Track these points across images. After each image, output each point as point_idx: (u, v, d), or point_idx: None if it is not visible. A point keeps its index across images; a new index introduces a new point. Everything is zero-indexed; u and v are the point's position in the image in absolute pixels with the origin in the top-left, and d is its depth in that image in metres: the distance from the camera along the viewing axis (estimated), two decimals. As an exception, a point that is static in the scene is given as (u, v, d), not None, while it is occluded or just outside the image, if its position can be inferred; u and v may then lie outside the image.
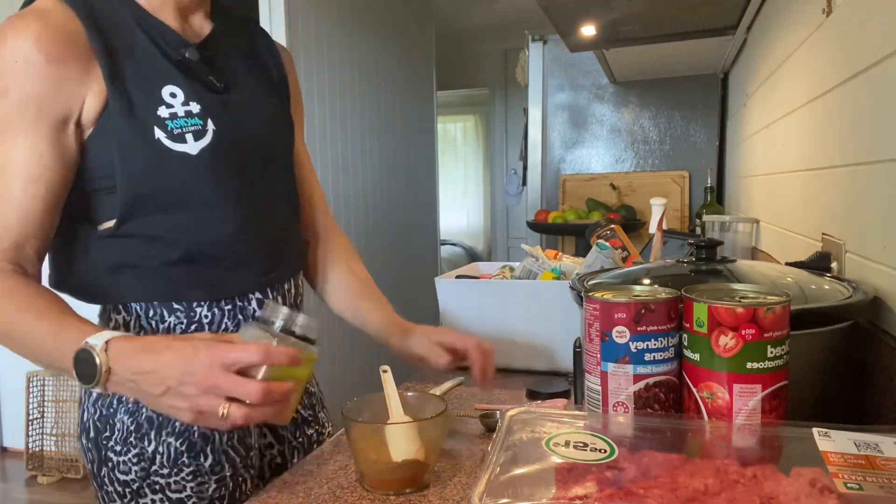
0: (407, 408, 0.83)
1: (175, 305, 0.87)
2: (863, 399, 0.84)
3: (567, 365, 0.92)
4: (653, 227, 1.79)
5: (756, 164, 1.96)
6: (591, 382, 0.71)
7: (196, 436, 0.87)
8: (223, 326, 0.89)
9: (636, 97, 3.06)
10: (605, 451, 0.58)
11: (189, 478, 0.86)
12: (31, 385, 3.21)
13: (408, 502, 0.75)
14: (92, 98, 0.80)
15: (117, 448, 0.86)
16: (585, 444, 0.60)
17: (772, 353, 0.64)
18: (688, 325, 0.68)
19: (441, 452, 0.85)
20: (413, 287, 3.38)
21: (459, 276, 1.40)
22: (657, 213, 1.83)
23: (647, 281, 0.85)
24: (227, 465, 0.89)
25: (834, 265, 1.01)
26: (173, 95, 0.83)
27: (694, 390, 0.67)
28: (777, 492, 0.51)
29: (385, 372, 0.87)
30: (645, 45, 2.23)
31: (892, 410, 0.74)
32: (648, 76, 2.98)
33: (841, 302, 0.76)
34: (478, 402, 1.09)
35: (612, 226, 1.66)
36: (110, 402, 0.87)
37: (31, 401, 3.21)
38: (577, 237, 2.94)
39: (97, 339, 0.72)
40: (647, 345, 0.68)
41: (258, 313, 0.90)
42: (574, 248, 3.02)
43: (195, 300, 0.88)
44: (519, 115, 4.84)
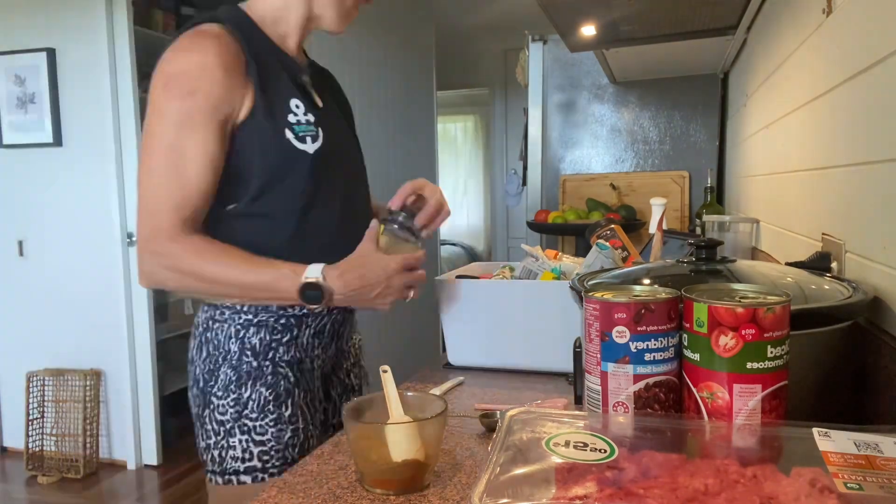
0: (407, 408, 0.83)
1: None
2: (863, 399, 0.84)
3: (567, 365, 0.92)
4: (653, 227, 1.79)
5: (756, 164, 1.96)
6: (591, 382, 0.71)
7: (282, 389, 1.08)
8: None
9: (636, 97, 3.06)
10: (605, 451, 0.58)
11: (271, 424, 1.07)
12: (31, 385, 3.21)
13: (408, 502, 0.75)
14: (245, 103, 1.01)
15: (219, 394, 1.07)
16: (585, 444, 0.60)
17: (772, 353, 0.64)
18: (688, 325, 0.68)
19: (441, 452, 0.85)
20: (413, 287, 3.36)
21: (459, 276, 1.40)
22: (657, 213, 1.82)
23: (647, 281, 0.85)
24: (300, 418, 1.09)
25: (834, 265, 1.02)
26: (297, 107, 1.06)
27: (694, 390, 0.67)
28: (777, 492, 0.51)
29: (385, 372, 0.87)
30: (645, 45, 2.22)
31: (892, 410, 0.74)
32: (648, 76, 2.98)
33: (841, 302, 0.76)
34: (478, 402, 1.09)
35: (612, 226, 1.66)
36: (216, 359, 1.09)
37: (31, 401, 3.21)
38: (577, 237, 2.94)
39: (314, 272, 1.00)
40: (647, 345, 0.68)
41: (390, 218, 1.13)
42: (574, 248, 3.01)
43: None
44: (519, 115, 4.85)
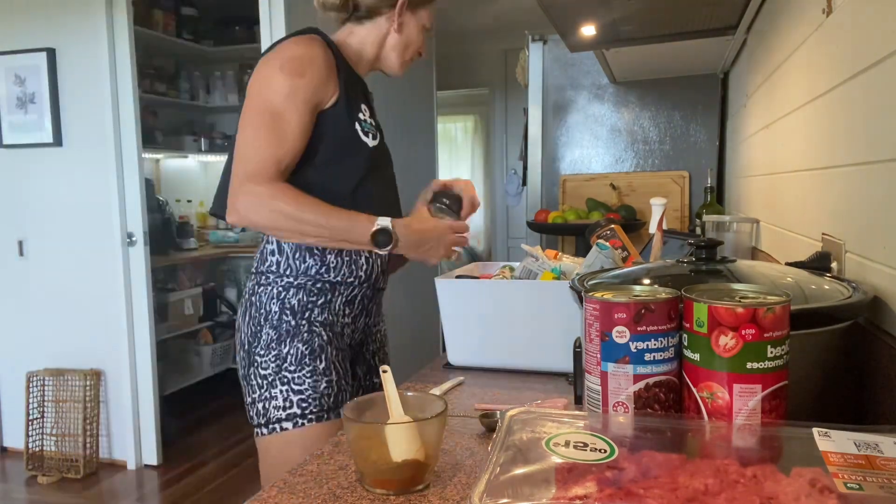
0: (407, 408, 0.83)
1: (315, 250, 1.28)
2: (863, 399, 0.84)
3: (567, 365, 0.92)
4: (653, 227, 1.79)
5: (756, 164, 1.96)
6: (591, 382, 0.71)
7: (316, 345, 1.27)
8: (343, 273, 1.30)
9: (636, 97, 3.06)
10: (605, 451, 0.58)
11: (308, 375, 1.25)
12: (31, 385, 3.20)
13: (408, 502, 0.75)
14: (332, 97, 1.27)
15: (261, 352, 1.27)
16: (585, 444, 0.60)
17: (772, 353, 0.64)
18: (688, 325, 0.68)
19: (441, 452, 0.85)
20: (413, 287, 3.38)
21: (459, 276, 1.40)
22: (657, 213, 1.82)
23: (647, 281, 0.85)
24: (334, 372, 1.28)
25: (834, 265, 1.01)
26: (364, 111, 1.33)
27: (694, 390, 0.67)
28: (777, 492, 0.51)
29: (385, 372, 0.87)
30: (645, 45, 2.22)
31: (892, 410, 0.74)
32: (648, 76, 2.98)
33: (841, 302, 0.76)
34: (478, 402, 1.09)
35: (612, 226, 1.66)
36: (258, 321, 1.28)
37: (31, 401, 3.21)
38: (577, 237, 2.93)
39: (384, 221, 1.23)
40: (647, 345, 0.68)
41: (436, 199, 1.38)
42: (574, 248, 3.01)
43: (331, 251, 1.28)
44: (519, 115, 4.84)
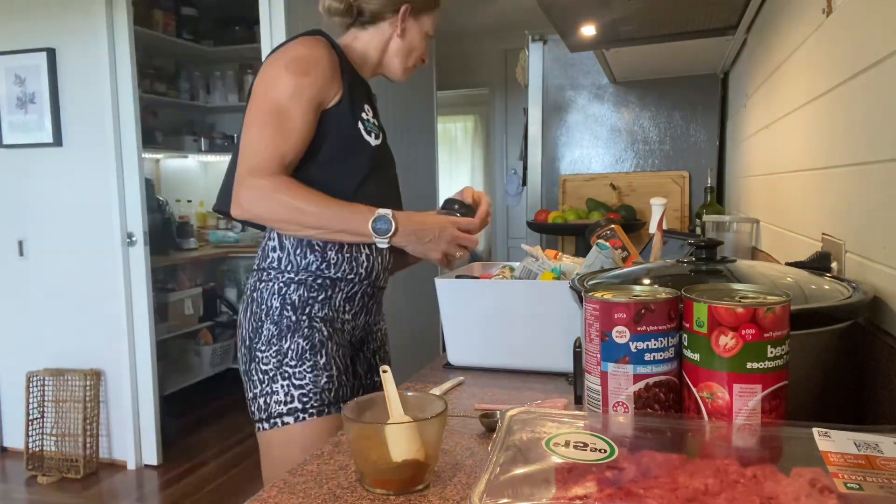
0: (407, 408, 0.83)
1: (316, 246, 1.27)
2: (863, 399, 0.84)
3: (567, 365, 0.92)
4: (653, 227, 1.79)
5: (756, 164, 1.96)
6: (591, 382, 0.71)
7: (316, 340, 1.27)
8: (343, 269, 1.29)
9: (636, 97, 3.06)
10: (605, 451, 0.58)
11: (308, 370, 1.25)
12: (31, 385, 3.20)
13: (408, 502, 0.75)
14: (336, 97, 1.28)
15: (262, 348, 1.27)
16: (585, 444, 0.60)
17: (772, 353, 0.64)
18: (688, 325, 0.68)
19: (441, 452, 0.85)
20: (413, 287, 3.38)
21: (459, 276, 1.40)
22: (657, 213, 1.82)
23: (647, 281, 0.85)
24: (334, 367, 1.28)
25: (834, 265, 1.01)
26: (367, 111, 1.34)
27: (694, 390, 0.67)
28: (777, 492, 0.51)
29: (385, 372, 0.87)
30: (645, 45, 2.22)
31: (892, 410, 0.74)
32: (648, 76, 2.97)
33: (841, 302, 0.76)
34: (478, 402, 1.09)
35: (612, 226, 1.66)
36: (259, 317, 1.28)
37: (31, 401, 3.21)
38: (577, 237, 2.93)
39: (385, 211, 1.22)
40: (647, 345, 0.68)
41: (447, 206, 1.36)
42: (574, 248, 3.01)
43: (332, 247, 1.28)
44: (519, 115, 4.84)
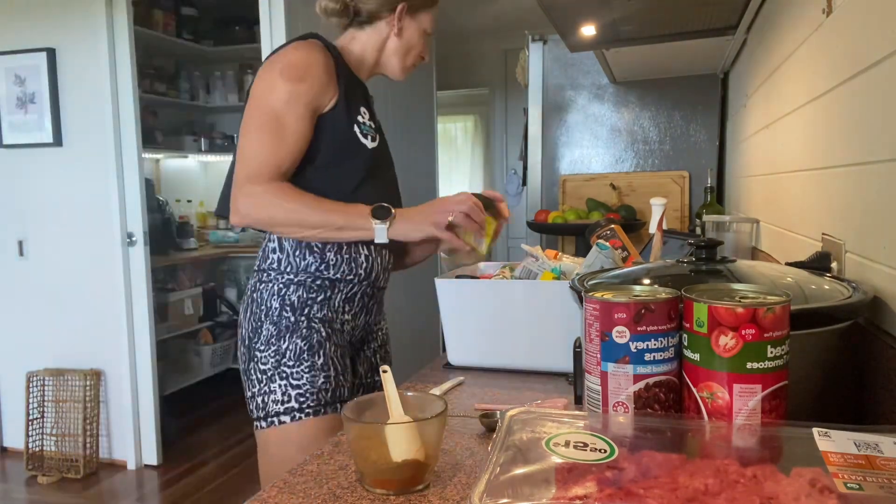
0: (407, 408, 0.83)
1: (315, 248, 1.28)
2: (863, 399, 0.84)
3: (567, 365, 0.92)
4: (653, 227, 1.79)
5: (756, 164, 1.96)
6: (591, 382, 0.71)
7: (315, 341, 1.27)
8: (342, 270, 1.30)
9: (636, 97, 3.06)
10: (605, 451, 0.58)
11: (306, 370, 1.25)
12: (31, 385, 3.20)
13: (408, 502, 0.75)
14: (332, 101, 1.28)
15: (261, 348, 1.27)
16: (585, 444, 0.60)
17: (772, 353, 0.64)
18: (688, 325, 0.68)
19: (441, 452, 0.85)
20: (413, 287, 3.38)
21: (459, 276, 1.40)
22: (657, 213, 1.82)
23: (647, 281, 0.85)
24: (332, 368, 1.28)
25: (834, 265, 1.01)
26: (363, 114, 1.34)
27: (694, 390, 0.67)
28: (777, 492, 0.51)
29: (385, 372, 0.87)
30: (645, 45, 2.22)
31: (892, 410, 0.74)
32: (648, 76, 2.97)
33: (841, 302, 0.76)
34: (478, 402, 1.09)
35: (612, 226, 1.66)
36: (259, 317, 1.28)
37: (31, 401, 3.21)
38: (577, 237, 2.93)
39: (381, 204, 1.24)
40: (647, 345, 0.68)
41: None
42: (574, 248, 3.01)
43: (331, 248, 1.29)
44: (519, 115, 4.84)
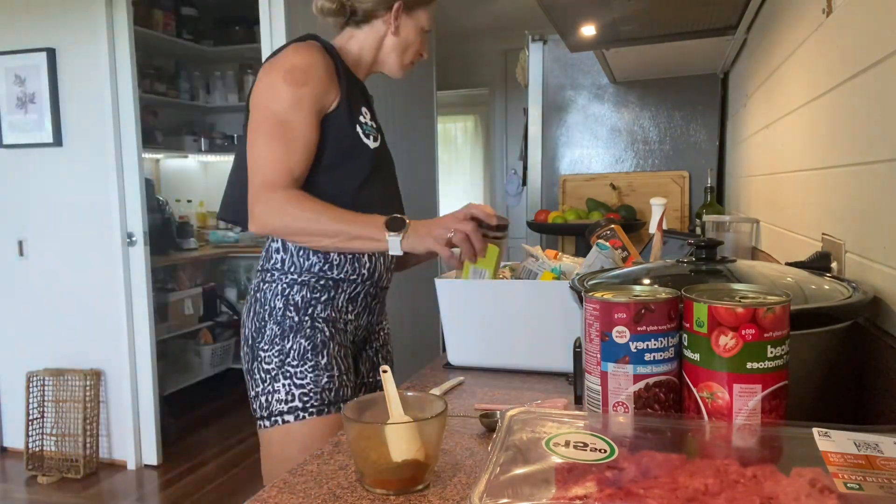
0: (407, 408, 0.83)
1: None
2: (863, 399, 0.84)
3: (567, 365, 0.92)
4: (653, 227, 1.79)
5: (756, 164, 1.96)
6: (591, 382, 0.71)
7: (318, 340, 1.28)
8: (345, 270, 1.31)
9: (636, 97, 3.06)
10: (605, 451, 0.58)
11: (310, 370, 1.26)
12: (31, 385, 3.20)
13: (408, 502, 0.75)
14: (334, 102, 1.28)
15: (265, 347, 1.28)
16: (585, 444, 0.60)
17: (772, 353, 0.64)
18: (688, 325, 0.68)
19: (441, 452, 0.85)
20: (413, 287, 3.38)
21: (459, 277, 1.39)
22: (657, 213, 1.83)
23: (647, 281, 0.85)
24: (335, 367, 1.29)
25: (834, 265, 1.01)
26: (365, 114, 1.34)
27: (694, 390, 0.67)
28: (777, 492, 0.51)
29: (385, 372, 0.87)
30: (645, 45, 2.22)
31: (892, 410, 0.74)
32: (648, 76, 2.98)
33: (841, 302, 0.76)
34: (478, 402, 1.09)
35: (612, 226, 1.66)
36: (262, 317, 1.29)
37: (31, 401, 3.21)
38: (577, 237, 2.93)
39: (396, 215, 1.22)
40: (647, 345, 0.68)
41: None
42: (574, 248, 3.01)
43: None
44: (519, 115, 4.84)
